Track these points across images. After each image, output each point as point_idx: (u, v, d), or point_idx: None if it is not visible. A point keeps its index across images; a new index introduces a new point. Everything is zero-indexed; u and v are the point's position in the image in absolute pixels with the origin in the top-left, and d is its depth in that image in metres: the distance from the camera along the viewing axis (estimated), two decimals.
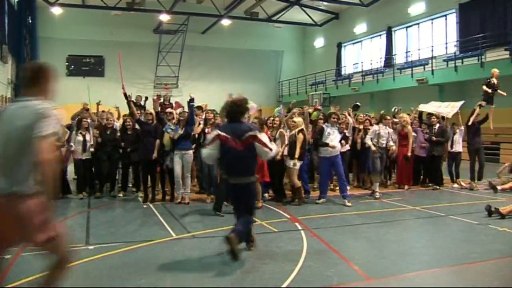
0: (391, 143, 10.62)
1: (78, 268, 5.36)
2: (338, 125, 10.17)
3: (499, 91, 12.32)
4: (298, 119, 9.58)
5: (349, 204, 9.45)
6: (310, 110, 12.04)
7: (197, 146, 9.75)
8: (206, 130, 9.74)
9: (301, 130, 9.42)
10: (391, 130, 10.74)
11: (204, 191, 10.09)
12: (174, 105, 12.75)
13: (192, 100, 9.48)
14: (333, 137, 9.67)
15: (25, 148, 3.29)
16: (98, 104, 11.73)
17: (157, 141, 9.59)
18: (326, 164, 9.77)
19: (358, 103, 12.05)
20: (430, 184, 11.80)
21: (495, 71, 12.55)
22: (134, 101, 11.91)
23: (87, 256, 5.75)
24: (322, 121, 10.59)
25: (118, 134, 10.40)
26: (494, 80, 12.34)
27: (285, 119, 10.41)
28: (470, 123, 11.85)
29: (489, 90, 12.25)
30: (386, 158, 10.85)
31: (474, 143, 11.95)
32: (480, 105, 12.17)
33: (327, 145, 9.52)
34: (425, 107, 12.30)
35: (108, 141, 10.10)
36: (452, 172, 11.95)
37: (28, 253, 5.85)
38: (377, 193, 10.27)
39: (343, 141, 10.41)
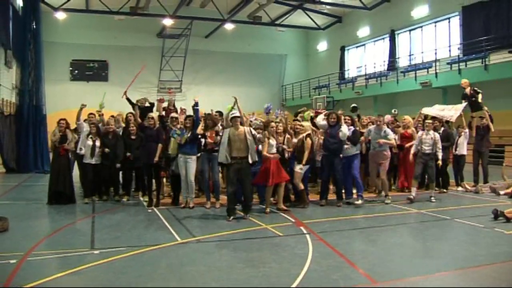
0: (439, 153, 10.14)
1: (84, 273, 5.37)
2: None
3: (478, 95, 12.40)
4: (306, 124, 9.57)
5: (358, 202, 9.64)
6: (312, 114, 11.99)
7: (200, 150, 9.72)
8: (208, 134, 9.68)
9: (309, 135, 9.43)
10: (437, 136, 10.31)
11: (203, 194, 10.06)
12: (179, 111, 12.69)
13: (196, 104, 9.50)
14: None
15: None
16: (101, 107, 11.43)
17: (160, 146, 9.60)
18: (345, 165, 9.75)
19: (355, 105, 11.96)
20: (436, 188, 11.74)
21: (463, 82, 12.99)
22: (139, 104, 11.88)
23: (93, 261, 5.75)
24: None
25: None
26: (467, 90, 12.60)
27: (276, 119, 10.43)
28: (473, 133, 12.02)
29: (464, 102, 12.41)
30: (434, 166, 10.37)
31: (477, 146, 11.99)
32: (472, 116, 12.36)
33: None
34: (429, 111, 12.28)
35: (109, 146, 10.09)
36: (457, 175, 11.94)
37: (34, 258, 5.88)
38: (432, 198, 10.34)
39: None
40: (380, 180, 10.52)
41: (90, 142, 10.01)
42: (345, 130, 9.55)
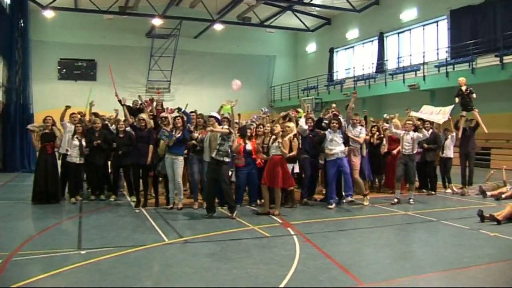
0: (415, 150, 10.26)
1: (69, 273, 5.34)
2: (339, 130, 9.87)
3: (473, 95, 12.55)
4: (292, 124, 9.58)
5: (345, 201, 9.86)
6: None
7: (188, 151, 9.69)
8: (196, 135, 9.69)
9: (295, 135, 9.46)
10: (415, 135, 10.21)
11: (193, 195, 10.02)
12: (167, 111, 12.68)
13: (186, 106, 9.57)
14: (335, 143, 9.64)
15: None
16: (91, 105, 11.51)
17: (151, 147, 9.55)
18: (332, 167, 9.67)
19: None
20: (424, 190, 11.83)
21: (461, 79, 12.98)
22: (131, 105, 11.83)
23: (79, 261, 5.72)
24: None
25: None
26: (463, 88, 12.67)
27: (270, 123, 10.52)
28: (459, 134, 12.02)
29: (457, 99, 12.60)
30: (414, 167, 10.35)
31: (464, 149, 12.08)
32: (462, 116, 12.40)
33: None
34: (417, 114, 12.35)
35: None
36: (444, 177, 12.02)
37: (20, 258, 5.82)
38: (411, 200, 10.27)
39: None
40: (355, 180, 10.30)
41: (76, 142, 9.94)
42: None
